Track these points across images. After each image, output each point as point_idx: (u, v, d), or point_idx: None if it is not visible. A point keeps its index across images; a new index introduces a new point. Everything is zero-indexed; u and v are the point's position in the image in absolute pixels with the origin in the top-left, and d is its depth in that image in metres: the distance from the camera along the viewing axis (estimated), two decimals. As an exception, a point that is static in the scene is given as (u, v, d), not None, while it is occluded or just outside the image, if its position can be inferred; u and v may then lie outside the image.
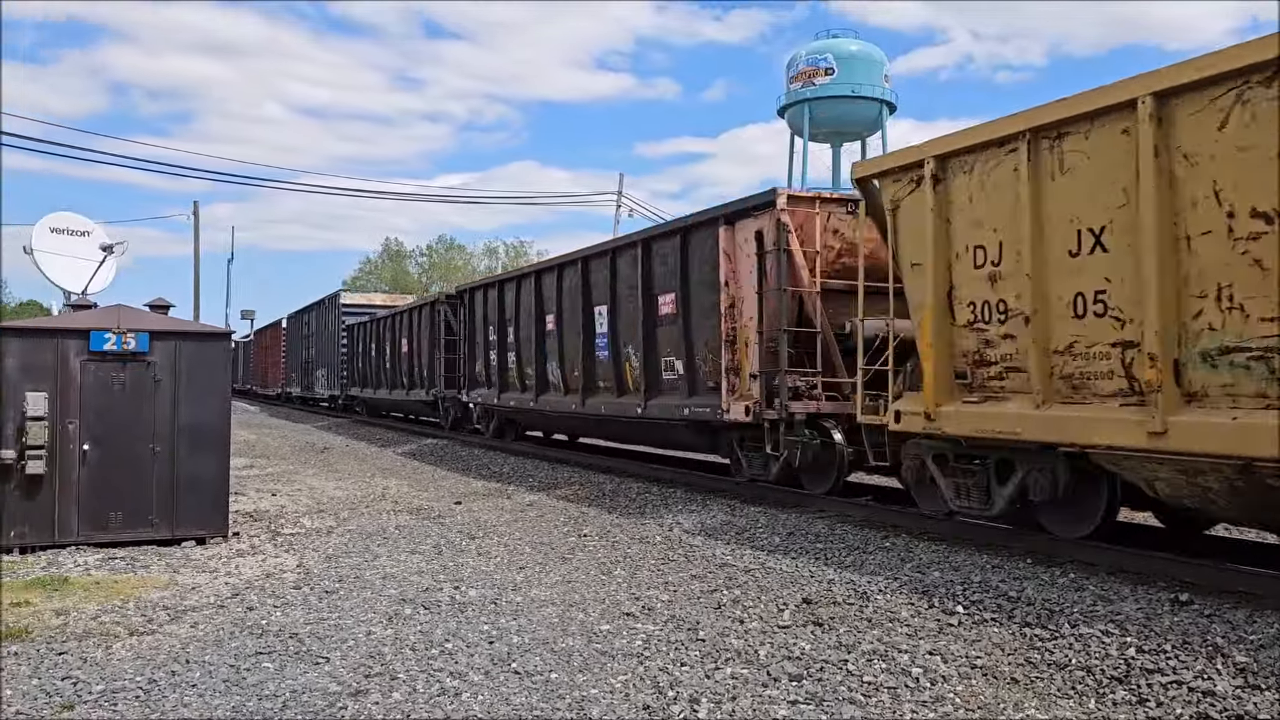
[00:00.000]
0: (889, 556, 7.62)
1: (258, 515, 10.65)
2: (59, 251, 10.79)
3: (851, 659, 5.21)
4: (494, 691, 4.79)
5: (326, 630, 5.89)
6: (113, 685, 4.85)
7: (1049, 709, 4.49)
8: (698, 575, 7.35)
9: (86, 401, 8.50)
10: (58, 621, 6.09)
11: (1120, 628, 5.43)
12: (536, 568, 7.74)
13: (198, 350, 8.97)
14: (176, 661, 5.27)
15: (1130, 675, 4.78)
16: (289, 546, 8.78)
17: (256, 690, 4.81)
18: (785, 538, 8.58)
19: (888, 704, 4.59)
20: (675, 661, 5.24)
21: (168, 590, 6.98)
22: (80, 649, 5.50)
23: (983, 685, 4.81)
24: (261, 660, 5.30)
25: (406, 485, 13.66)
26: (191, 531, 8.79)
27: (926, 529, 8.52)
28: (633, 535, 9.10)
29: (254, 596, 6.78)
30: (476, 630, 5.88)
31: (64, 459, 8.38)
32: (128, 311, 9.04)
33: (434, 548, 8.63)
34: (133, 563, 7.94)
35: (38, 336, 8.51)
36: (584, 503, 11.43)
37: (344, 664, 5.23)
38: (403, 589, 6.99)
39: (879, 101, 55.20)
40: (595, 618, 6.18)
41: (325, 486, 13.55)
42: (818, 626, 5.86)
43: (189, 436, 8.78)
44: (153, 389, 8.70)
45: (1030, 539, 7.66)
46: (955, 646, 5.37)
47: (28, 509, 8.27)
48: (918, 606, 6.20)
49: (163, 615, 6.27)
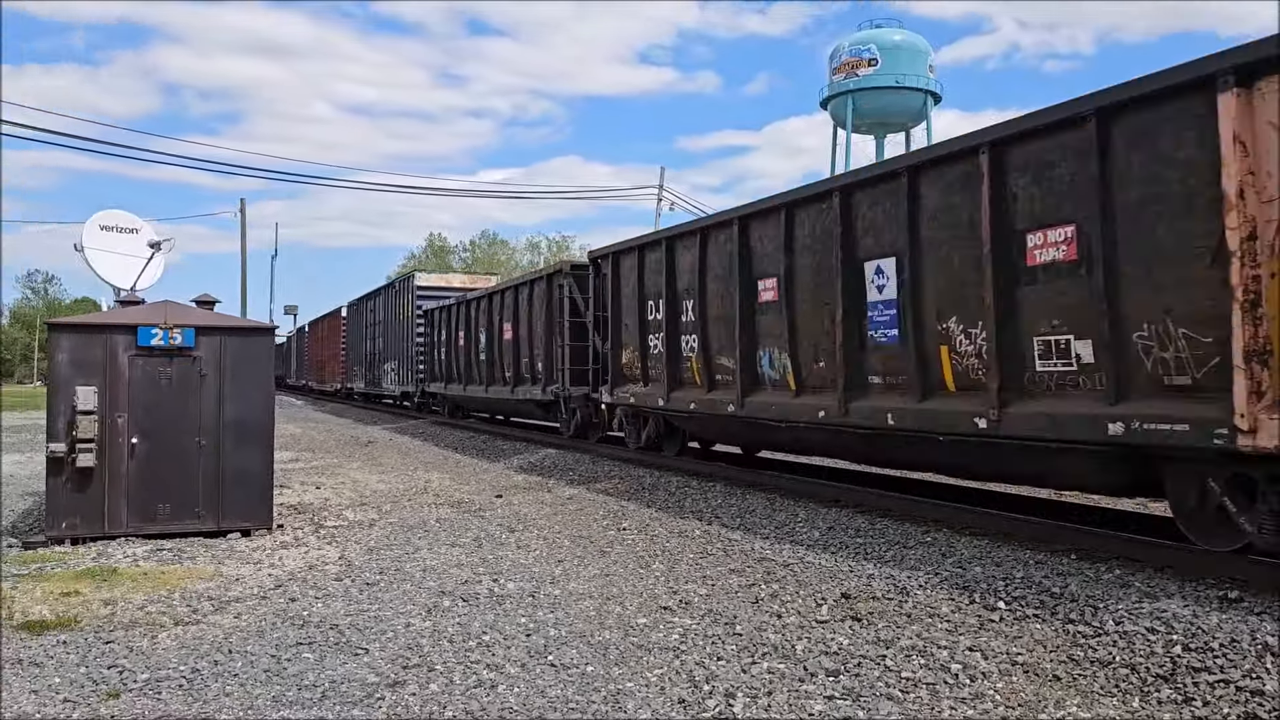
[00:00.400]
0: (929, 552, 7.53)
1: (302, 508, 10.79)
2: (108, 249, 11.02)
3: (890, 655, 5.16)
4: (530, 684, 4.81)
5: (366, 622, 5.96)
6: (157, 674, 4.94)
7: (1091, 707, 4.42)
8: (736, 569, 7.33)
9: (134, 396, 8.66)
10: (106, 611, 6.22)
11: (1166, 625, 5.32)
12: (575, 561, 7.76)
13: (242, 345, 9.10)
14: (220, 651, 5.35)
15: (1176, 674, 4.69)
16: (331, 539, 8.89)
17: (297, 680, 4.88)
18: (825, 532, 8.52)
19: (926, 700, 4.54)
20: (712, 656, 5.23)
21: (213, 581, 7.10)
22: (127, 638, 5.61)
23: (1023, 682, 4.74)
24: (302, 651, 5.37)
25: (448, 479, 13.77)
26: (237, 524, 8.93)
27: (967, 524, 8.41)
28: (671, 529, 9.09)
29: (296, 588, 6.87)
30: (514, 623, 5.91)
31: (113, 452, 8.55)
32: (174, 307, 9.21)
33: (474, 540, 8.69)
34: (179, 554, 8.09)
35: (87, 332, 8.69)
36: (623, 496, 11.44)
37: (383, 655, 5.28)
38: (442, 581, 7.04)
39: (923, 92, 54.58)
40: (632, 611, 6.18)
41: (368, 480, 13.70)
42: (856, 622, 5.81)
43: (234, 430, 8.93)
44: (198, 383, 8.85)
45: (1073, 536, 7.54)
46: (996, 643, 5.29)
47: (78, 501, 8.46)
48: (958, 602, 6.12)
49: (207, 606, 6.38)
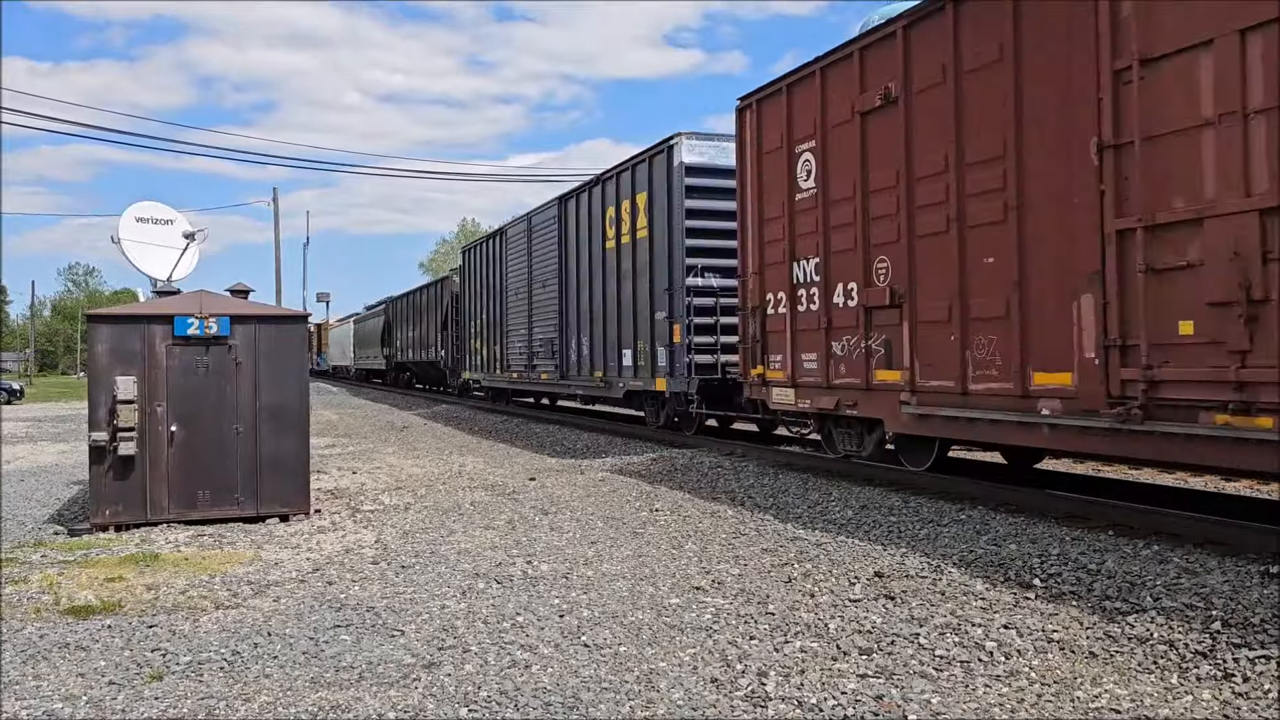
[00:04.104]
0: (964, 529, 7.48)
1: (338, 493, 10.92)
2: (144, 240, 11.16)
3: (923, 633, 5.14)
4: (564, 664, 4.85)
5: (402, 604, 6.02)
6: (199, 656, 5.03)
7: (1128, 684, 4.37)
8: (769, 549, 7.32)
9: (172, 384, 8.80)
10: (149, 596, 6.34)
11: (1206, 601, 5.25)
12: (608, 542, 7.80)
13: (276, 333, 9.20)
14: (259, 634, 5.44)
15: (1215, 650, 4.63)
16: (368, 523, 8.99)
17: (334, 662, 4.95)
18: (858, 511, 8.49)
19: (960, 678, 4.52)
20: (744, 635, 5.23)
21: (252, 566, 7.21)
22: (169, 622, 5.72)
23: (1059, 659, 4.71)
24: (339, 633, 5.44)
25: (483, 462, 13.86)
26: (275, 509, 9.06)
27: (1002, 501, 8.34)
28: (704, 510, 9.10)
29: (334, 571, 6.96)
30: (547, 604, 5.95)
31: (153, 440, 8.70)
32: (209, 297, 9.33)
33: (508, 523, 8.75)
34: (220, 539, 8.22)
35: (125, 323, 8.82)
36: (656, 478, 11.46)
37: (418, 637, 5.34)
38: (476, 564, 7.10)
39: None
40: (665, 591, 6.20)
41: (404, 464, 13.83)
42: (889, 600, 5.79)
43: (270, 416, 9.04)
44: (234, 371, 8.97)
45: (1110, 512, 7.46)
46: (1031, 620, 5.25)
47: (121, 489, 8.62)
48: (993, 579, 6.08)
49: (247, 590, 6.48)
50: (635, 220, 15.30)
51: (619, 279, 15.89)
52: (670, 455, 13.09)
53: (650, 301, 14.66)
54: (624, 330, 15.69)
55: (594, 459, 13.71)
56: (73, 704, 4.43)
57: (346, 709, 4.31)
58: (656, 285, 14.47)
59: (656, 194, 14.50)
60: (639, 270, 15.12)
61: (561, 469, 12.78)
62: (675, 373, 13.93)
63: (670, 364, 14.06)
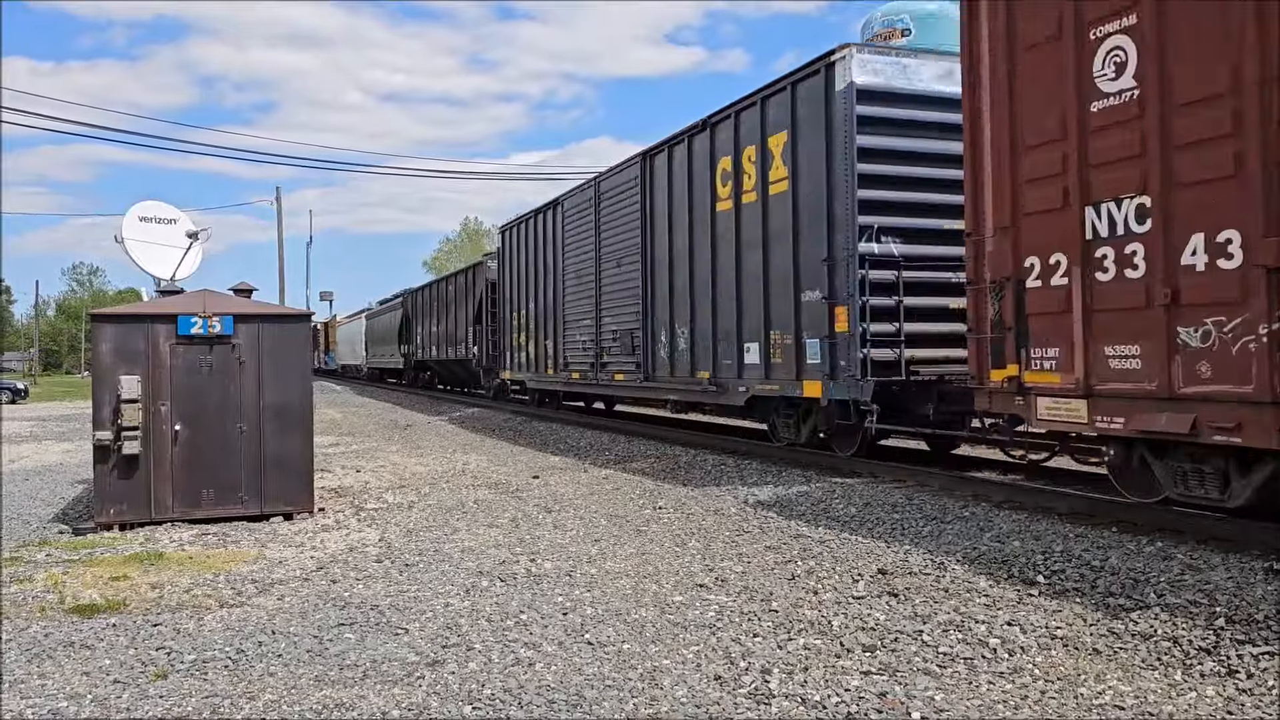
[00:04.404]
0: (967, 526, 7.48)
1: (342, 491, 10.93)
2: (148, 239, 11.17)
3: (927, 630, 5.14)
4: (567, 662, 4.85)
5: (406, 602, 6.03)
6: (203, 655, 5.04)
7: (1132, 680, 4.37)
8: (772, 546, 7.32)
9: (176, 383, 8.81)
10: (153, 595, 6.36)
11: (1209, 597, 5.25)
12: (611, 540, 7.80)
13: (280, 332, 9.21)
14: (264, 632, 5.45)
15: (1220, 646, 4.62)
16: (371, 521, 9.00)
17: (339, 660, 4.96)
18: (861, 508, 8.49)
19: (964, 675, 4.52)
20: (748, 632, 5.24)
21: (256, 564, 7.23)
22: (174, 620, 5.73)
23: (1063, 656, 4.71)
24: (344, 631, 5.45)
25: (486, 460, 13.87)
26: (279, 507, 9.08)
27: (1006, 498, 8.34)
28: (707, 507, 9.10)
29: (338, 570, 6.98)
30: (551, 602, 5.96)
31: (157, 439, 8.71)
32: (213, 296, 9.35)
33: (511, 521, 8.76)
34: (224, 538, 8.23)
35: (129, 322, 8.84)
36: (659, 475, 11.46)
37: (422, 635, 5.35)
38: (480, 562, 7.11)
39: (959, 61, 53.45)
40: (669, 589, 6.21)
41: (407, 463, 13.84)
42: (893, 597, 5.79)
43: (274, 415, 9.06)
44: (237, 370, 8.98)
45: (1114, 509, 7.45)
46: (1035, 617, 5.25)
47: (125, 487, 8.64)
48: (996, 576, 6.08)
49: (251, 588, 6.49)
50: (766, 171, 11.60)
51: (739, 250, 12.14)
52: (674, 453, 13.03)
53: (794, 278, 11.03)
54: (747, 317, 11.99)
55: (595, 457, 13.67)
56: (78, 703, 4.44)
57: (351, 707, 4.32)
58: (805, 255, 10.87)
59: (804, 132, 10.94)
60: (773, 237, 11.47)
61: (564, 467, 12.77)
62: (837, 373, 10.31)
63: (828, 361, 10.42)
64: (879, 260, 10.17)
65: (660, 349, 14.42)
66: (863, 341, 10.04)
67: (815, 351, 10.72)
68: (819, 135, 10.65)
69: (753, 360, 11.88)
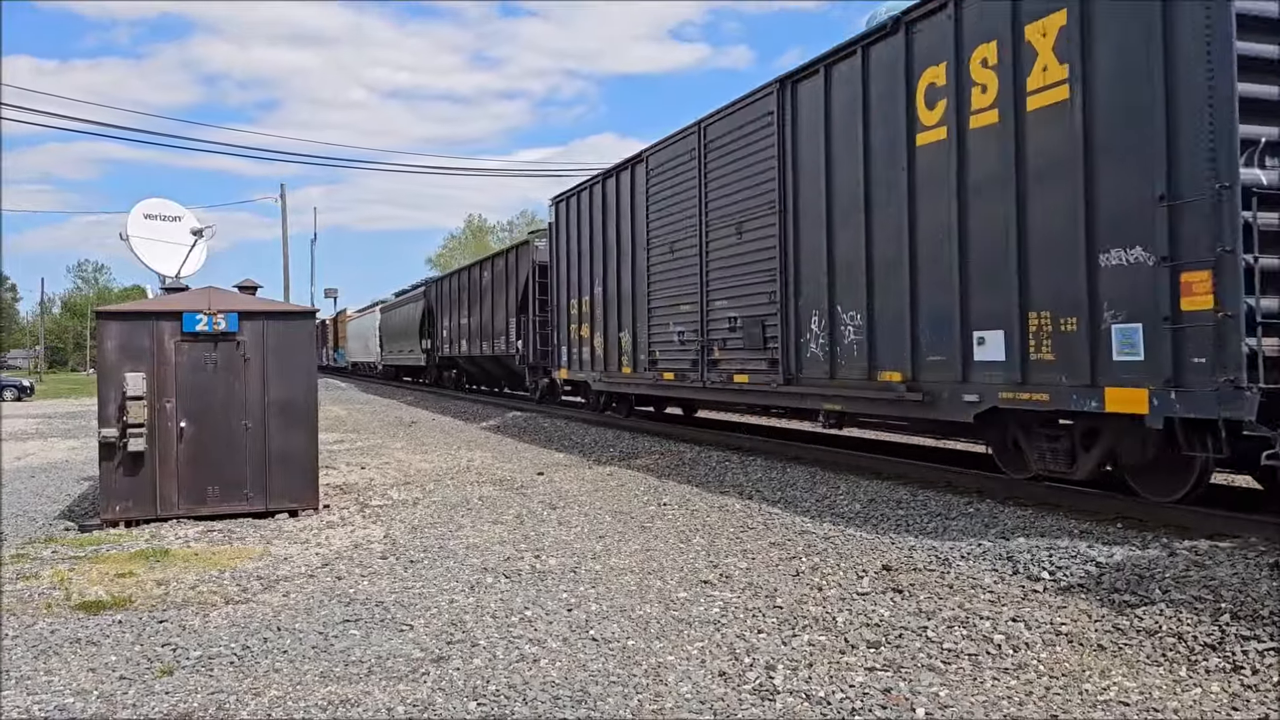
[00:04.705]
0: (972, 523, 7.48)
1: (347, 488, 10.95)
2: (152, 237, 11.21)
3: (931, 626, 5.14)
4: (572, 658, 4.86)
5: (411, 599, 6.04)
6: (209, 651, 5.06)
7: (1137, 676, 4.37)
8: (776, 543, 7.33)
9: (181, 380, 8.82)
10: (159, 591, 6.37)
11: (1215, 594, 5.24)
12: (616, 536, 7.81)
13: (284, 329, 9.22)
14: (269, 629, 5.46)
15: (1225, 642, 4.62)
16: (376, 518, 9.01)
17: (343, 656, 4.97)
18: (866, 505, 8.48)
19: (968, 671, 4.52)
20: (752, 629, 5.24)
21: (261, 561, 7.24)
22: (179, 617, 5.75)
23: (1067, 652, 4.70)
24: (349, 628, 5.46)
25: (490, 457, 13.88)
26: (284, 504, 9.09)
27: (1011, 495, 8.33)
28: (711, 504, 9.10)
29: (343, 566, 6.99)
30: (555, 598, 5.97)
31: (163, 436, 8.73)
32: (217, 293, 9.36)
33: (516, 518, 8.76)
34: (229, 535, 8.25)
35: (134, 320, 8.85)
36: (663, 472, 11.47)
37: (427, 631, 5.36)
38: (485, 558, 7.12)
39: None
40: (673, 585, 6.21)
41: (412, 459, 13.86)
42: (897, 593, 5.79)
43: (278, 412, 9.07)
44: (242, 367, 8.99)
45: (1119, 506, 7.44)
46: (1039, 613, 5.25)
47: (130, 484, 8.65)
48: (1001, 573, 6.08)
49: (256, 585, 6.50)
50: (1020, 76, 7.74)
51: (962, 197, 8.33)
52: (678, 450, 13.00)
53: (1085, 231, 7.17)
54: (980, 293, 8.21)
55: (599, 453, 13.67)
56: (84, 699, 4.45)
57: (356, 703, 4.33)
58: (1110, 195, 7.04)
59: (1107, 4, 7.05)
60: (1038, 173, 7.64)
61: (569, 464, 12.78)
62: (1182, 377, 6.47)
63: (1165, 356, 6.59)
64: (1270, 196, 6.32)
65: (807, 340, 10.71)
66: (1253, 325, 6.16)
67: (1133, 342, 6.94)
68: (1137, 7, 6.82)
69: (991, 355, 8.09)
